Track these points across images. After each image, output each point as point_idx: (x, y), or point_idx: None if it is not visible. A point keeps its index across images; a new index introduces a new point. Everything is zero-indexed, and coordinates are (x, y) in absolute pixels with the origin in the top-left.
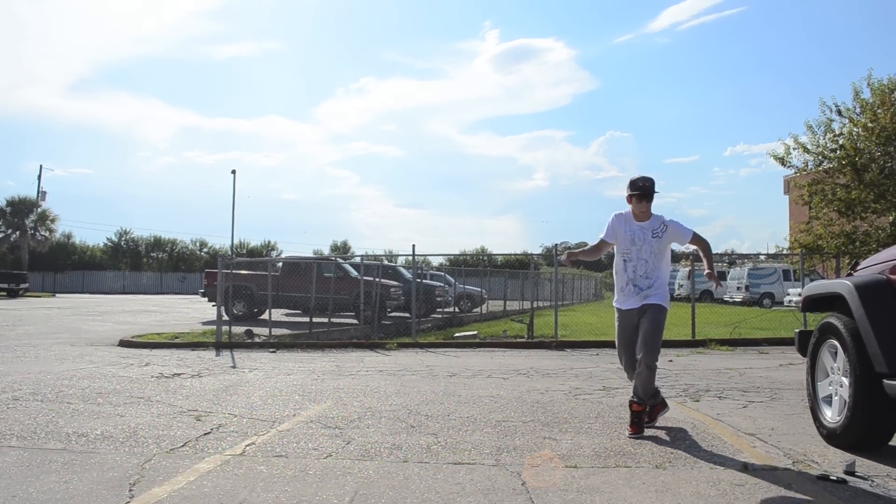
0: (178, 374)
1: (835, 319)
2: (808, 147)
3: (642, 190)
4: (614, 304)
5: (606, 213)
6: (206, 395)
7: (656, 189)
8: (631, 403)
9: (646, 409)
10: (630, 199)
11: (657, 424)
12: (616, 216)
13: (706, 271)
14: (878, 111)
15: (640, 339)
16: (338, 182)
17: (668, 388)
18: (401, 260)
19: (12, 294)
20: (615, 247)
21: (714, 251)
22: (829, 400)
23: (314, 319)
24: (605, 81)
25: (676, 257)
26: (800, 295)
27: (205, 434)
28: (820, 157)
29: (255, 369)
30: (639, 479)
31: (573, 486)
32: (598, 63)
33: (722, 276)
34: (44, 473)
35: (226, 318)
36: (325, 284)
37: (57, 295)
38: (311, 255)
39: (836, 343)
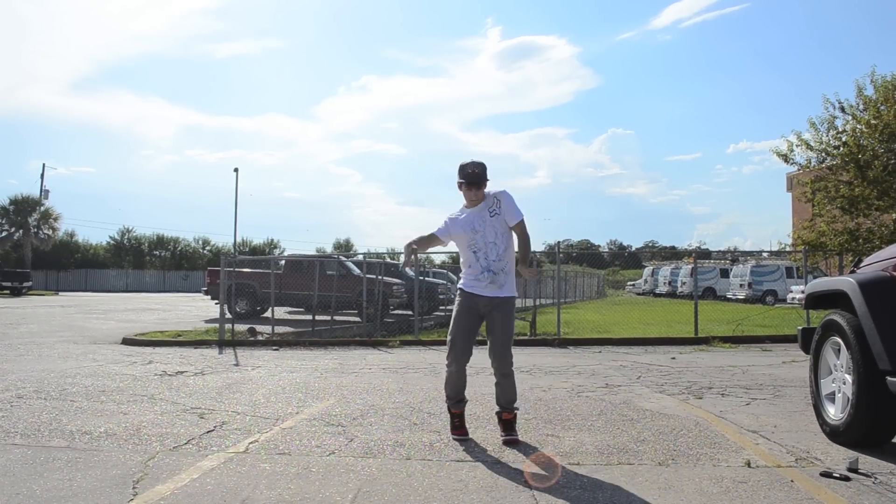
0: (182, 372)
1: (838, 317)
2: (812, 144)
3: (471, 178)
4: (460, 286)
5: (608, 210)
6: (210, 392)
7: (488, 177)
8: (500, 414)
9: (515, 414)
10: (460, 186)
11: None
12: (450, 219)
13: (521, 267)
14: (882, 108)
15: (494, 347)
16: (340, 180)
17: (670, 386)
18: (403, 258)
19: (16, 292)
20: (460, 242)
21: (717, 248)
22: (832, 397)
23: (317, 317)
24: (608, 79)
25: (679, 255)
26: (803, 292)
27: (208, 432)
28: (823, 154)
29: (257, 367)
30: (642, 477)
31: (576, 483)
32: (601, 60)
33: (725, 274)
34: (48, 471)
35: (229, 316)
36: (328, 282)
37: (60, 293)
38: (313, 253)
39: (840, 340)
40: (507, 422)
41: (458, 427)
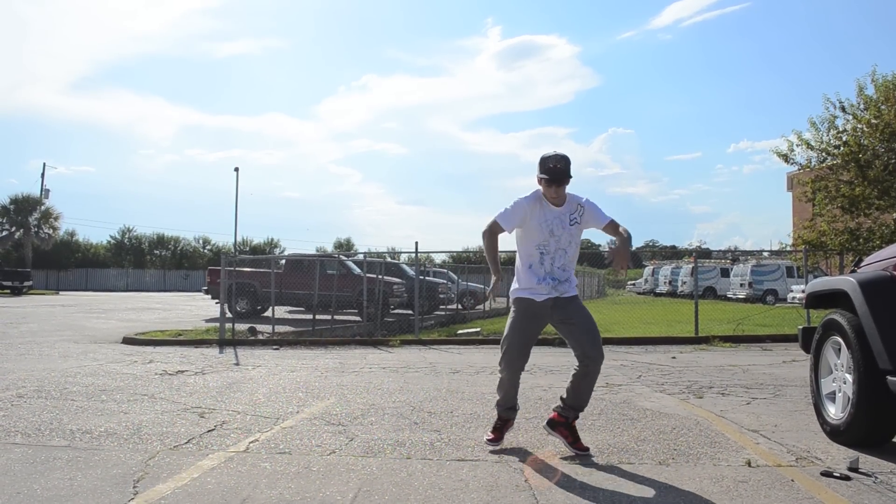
0: (182, 372)
1: (838, 316)
2: (812, 144)
3: (553, 174)
4: (519, 295)
5: (608, 209)
6: (210, 392)
7: (571, 174)
8: (572, 420)
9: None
10: (540, 181)
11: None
12: (526, 201)
13: (617, 261)
14: (882, 107)
15: (586, 335)
16: (340, 180)
17: (671, 385)
18: (403, 257)
19: (16, 292)
20: (523, 236)
21: (717, 248)
22: (832, 397)
23: (317, 317)
24: (608, 78)
25: (679, 254)
26: (803, 292)
27: (208, 431)
28: (823, 154)
29: (258, 366)
30: (642, 476)
31: (576, 482)
32: (601, 60)
33: (725, 273)
34: (48, 470)
35: (229, 315)
36: (328, 282)
37: (60, 292)
38: (313, 252)
39: (840, 340)
40: (571, 428)
41: (497, 429)
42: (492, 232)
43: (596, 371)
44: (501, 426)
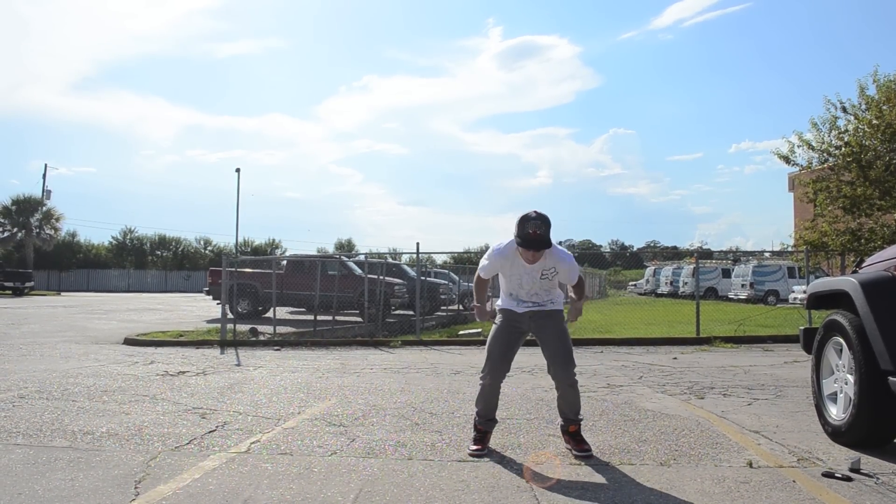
0: (183, 372)
1: (840, 317)
2: (813, 144)
3: (530, 243)
4: (501, 306)
5: (609, 210)
6: (211, 392)
7: (552, 238)
8: (565, 427)
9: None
10: (517, 243)
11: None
12: (497, 256)
13: (574, 303)
14: (884, 108)
15: (555, 356)
16: (341, 180)
17: (672, 386)
18: (405, 258)
19: (18, 292)
20: (501, 273)
21: (718, 248)
22: (834, 397)
23: (318, 317)
24: (609, 79)
25: (680, 255)
26: (805, 292)
27: (210, 432)
28: (825, 155)
29: (259, 367)
30: (643, 477)
31: (577, 483)
32: (602, 60)
33: (726, 274)
34: (50, 471)
35: (230, 316)
36: (330, 282)
37: (62, 293)
38: (315, 253)
39: (842, 340)
40: (575, 434)
41: (479, 441)
42: (478, 280)
43: (568, 390)
44: (482, 437)
